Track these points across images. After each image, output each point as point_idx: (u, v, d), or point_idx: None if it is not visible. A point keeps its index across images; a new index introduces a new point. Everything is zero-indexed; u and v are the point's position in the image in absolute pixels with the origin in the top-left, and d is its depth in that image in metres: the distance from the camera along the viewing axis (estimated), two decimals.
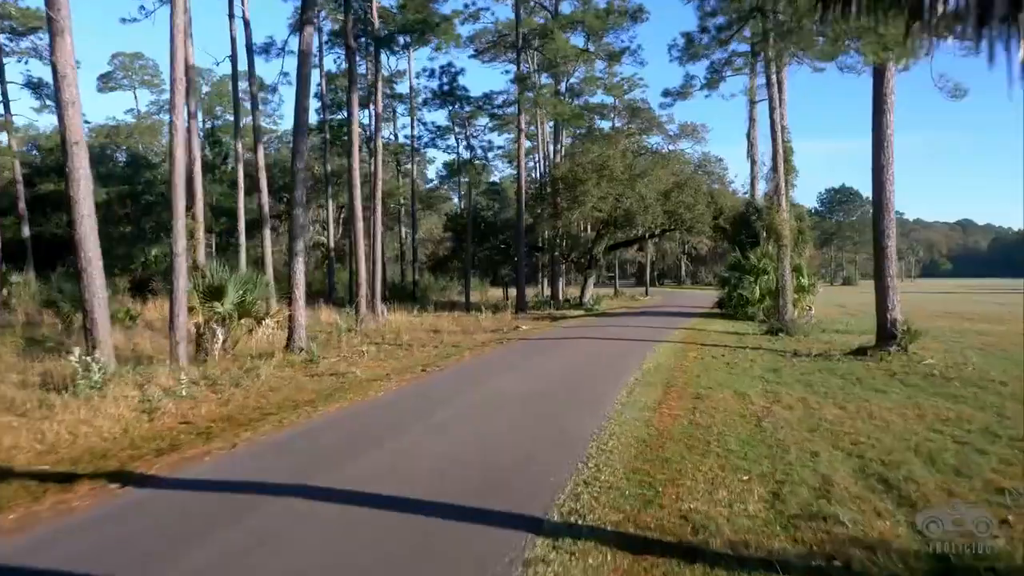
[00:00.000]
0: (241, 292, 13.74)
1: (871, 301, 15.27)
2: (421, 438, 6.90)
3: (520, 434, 7.06)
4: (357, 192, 21.21)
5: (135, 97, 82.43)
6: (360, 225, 21.13)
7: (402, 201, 44.08)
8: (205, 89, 77.33)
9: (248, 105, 28.20)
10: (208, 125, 75.58)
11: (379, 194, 25.18)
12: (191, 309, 13.14)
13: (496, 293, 44.22)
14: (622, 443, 6.56)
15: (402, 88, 42.42)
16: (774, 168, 19.03)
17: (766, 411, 8.49)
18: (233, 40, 23.61)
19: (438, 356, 14.67)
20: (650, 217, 29.92)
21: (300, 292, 14.98)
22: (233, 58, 23.38)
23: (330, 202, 39.03)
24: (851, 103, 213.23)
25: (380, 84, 24.90)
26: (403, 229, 45.20)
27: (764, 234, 27.64)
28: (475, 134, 37.48)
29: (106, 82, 69.76)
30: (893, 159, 14.04)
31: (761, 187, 31.38)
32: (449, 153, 40.15)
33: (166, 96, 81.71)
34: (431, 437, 6.94)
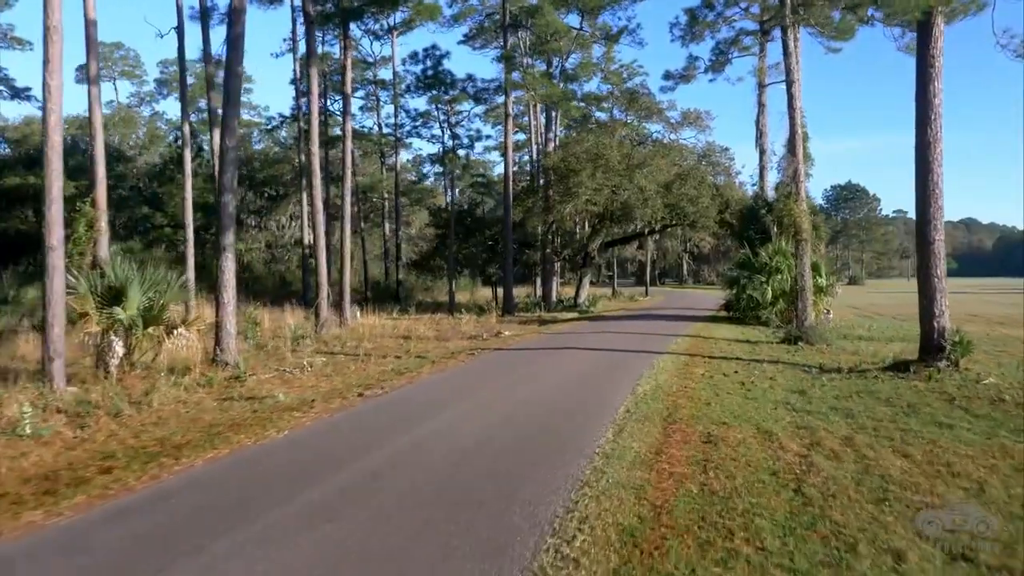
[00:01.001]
0: (149, 295, 11.36)
1: (884, 302, 13.06)
2: (251, 550, 4.36)
3: (421, 546, 4.22)
4: (317, 182, 18.89)
5: (115, 89, 79.96)
6: (320, 218, 18.81)
7: (386, 195, 41.75)
8: (190, 80, 75.05)
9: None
10: (193, 118, 73.28)
11: (348, 184, 22.82)
12: (84, 315, 10.78)
13: (487, 293, 41.86)
14: (597, 546, 4.18)
15: (388, 76, 40.07)
16: (791, 150, 16.68)
17: (804, 463, 6.14)
18: (179, 8, 21.18)
19: (393, 371, 12.35)
20: (649, 211, 27.58)
21: (229, 295, 12.62)
22: (180, 29, 20.92)
23: (305, 195, 36.57)
24: (852, 102, 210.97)
25: (349, 62, 22.54)
26: (387, 225, 42.81)
27: (775, 228, 25.34)
28: (461, 122, 35.13)
29: (84, 73, 67.53)
30: (941, 136, 11.69)
31: (771, 178, 29.04)
32: (434, 143, 37.65)
33: (148, 88, 78.53)
34: (265, 551, 4.44)
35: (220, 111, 15.28)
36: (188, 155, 20.72)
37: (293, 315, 25.82)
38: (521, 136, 42.02)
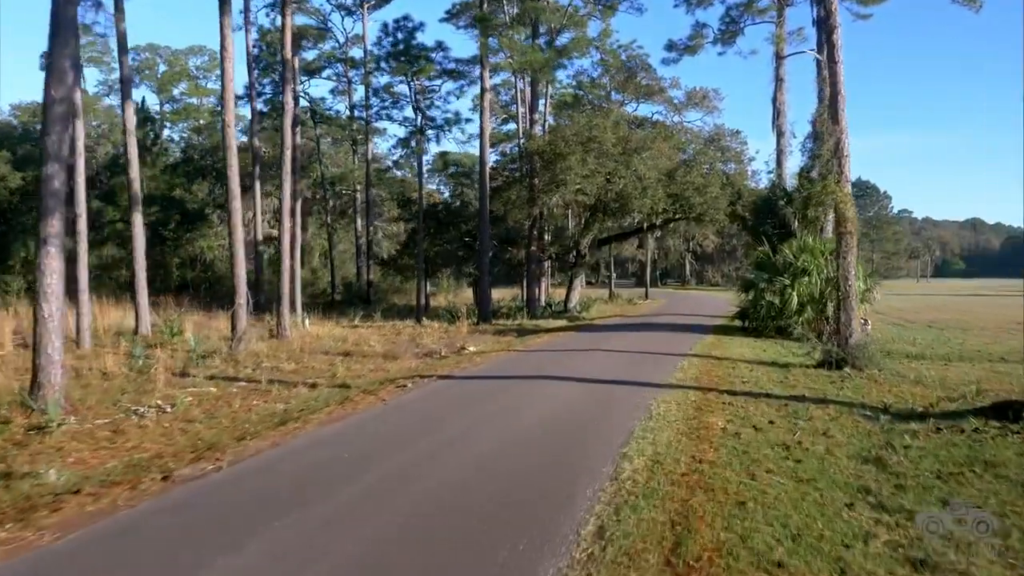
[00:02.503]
0: None
1: (907, 307, 10.08)
2: None
3: None
4: (233, 160, 15.27)
5: (83, 76, 76.28)
6: (236, 204, 15.16)
7: (358, 187, 38.14)
8: (162, 68, 71.59)
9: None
10: (168, 107, 69.78)
11: (288, 165, 19.21)
12: None
13: (471, 295, 38.22)
14: None
15: (361, 57, 36.33)
16: (832, 116, 13.06)
17: None
18: None
19: (277, 418, 8.75)
20: (649, 201, 23.97)
21: (53, 306, 9.03)
22: None
23: (259, 184, 32.96)
24: (854, 100, 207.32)
25: (289, 18, 18.86)
26: (359, 220, 39.16)
27: (797, 222, 21.77)
28: (435, 102, 31.45)
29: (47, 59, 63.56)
30: None
31: (790, 165, 25.44)
32: (407, 126, 33.95)
33: (116, 75, 75.15)
34: None
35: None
36: (81, 128, 17.08)
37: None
38: (512, 126, 38.21)
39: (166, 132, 58.03)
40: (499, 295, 37.00)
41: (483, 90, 23.79)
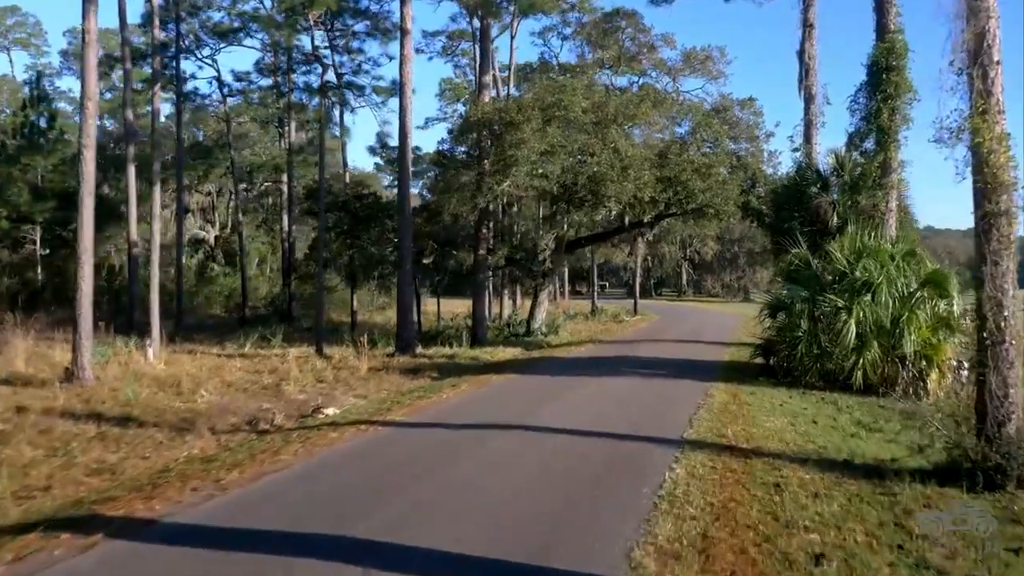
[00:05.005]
0: None
1: None
2: None
3: None
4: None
5: (10, 61, 69.74)
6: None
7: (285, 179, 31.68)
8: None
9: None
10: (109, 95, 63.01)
11: (91, 127, 12.86)
12: None
13: (448, 307, 31.88)
14: None
15: None
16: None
17: None
18: None
19: None
20: (630, 186, 17.71)
21: None
22: None
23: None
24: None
25: None
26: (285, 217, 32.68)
27: (835, 216, 15.68)
28: (366, 67, 25.19)
29: None
30: None
31: (824, 140, 19.19)
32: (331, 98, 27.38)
33: (47, 60, 67.89)
34: None
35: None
36: None
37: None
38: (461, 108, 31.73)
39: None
40: (457, 308, 30.57)
41: (403, 31, 17.50)
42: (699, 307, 51.11)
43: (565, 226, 20.87)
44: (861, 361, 11.58)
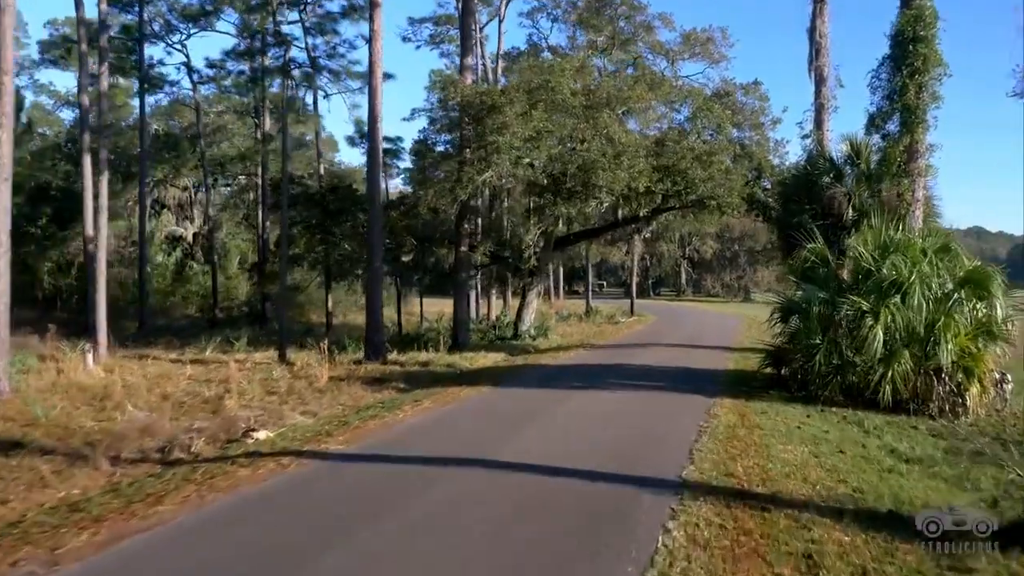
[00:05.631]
0: None
1: None
2: None
3: None
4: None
5: None
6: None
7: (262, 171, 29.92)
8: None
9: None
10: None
11: (7, 105, 11.19)
12: None
13: (432, 309, 30.18)
14: None
15: None
16: None
17: None
18: None
19: None
20: (624, 174, 16.03)
21: None
22: None
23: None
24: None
25: None
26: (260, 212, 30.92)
27: (851, 209, 14.14)
28: (341, 50, 23.50)
29: None
30: None
31: (837, 126, 17.53)
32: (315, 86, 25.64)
33: (27, 52, 66.16)
34: None
35: None
36: None
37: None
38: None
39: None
40: (446, 309, 28.82)
41: (372, 3, 15.79)
42: (698, 307, 49.42)
43: (554, 220, 19.17)
44: (890, 373, 9.93)
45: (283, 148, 16.91)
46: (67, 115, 46.73)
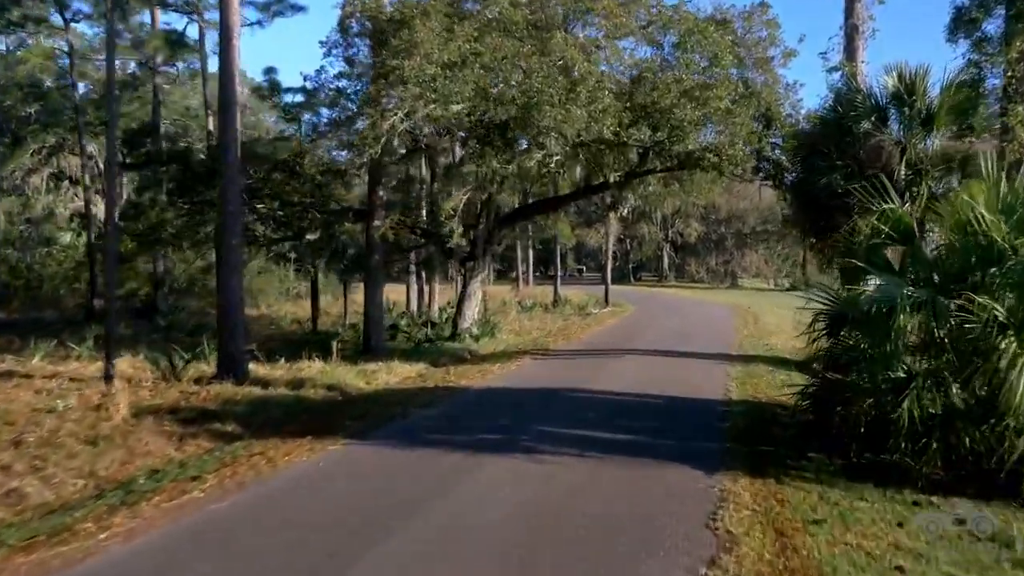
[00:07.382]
0: None
1: None
2: None
3: None
4: None
5: None
6: None
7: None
8: None
9: None
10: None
11: None
12: None
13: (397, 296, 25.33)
14: None
15: None
16: None
17: None
18: None
19: None
20: (581, 112, 11.21)
21: None
22: None
23: None
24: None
25: None
26: None
27: (904, 167, 9.47)
28: None
29: None
30: None
31: (876, 56, 12.90)
32: None
33: None
34: None
35: None
36: None
37: None
38: None
39: None
40: (393, 296, 23.83)
41: None
42: (683, 295, 44.67)
43: (488, 182, 14.26)
44: None
45: (108, 77, 11.81)
46: None
